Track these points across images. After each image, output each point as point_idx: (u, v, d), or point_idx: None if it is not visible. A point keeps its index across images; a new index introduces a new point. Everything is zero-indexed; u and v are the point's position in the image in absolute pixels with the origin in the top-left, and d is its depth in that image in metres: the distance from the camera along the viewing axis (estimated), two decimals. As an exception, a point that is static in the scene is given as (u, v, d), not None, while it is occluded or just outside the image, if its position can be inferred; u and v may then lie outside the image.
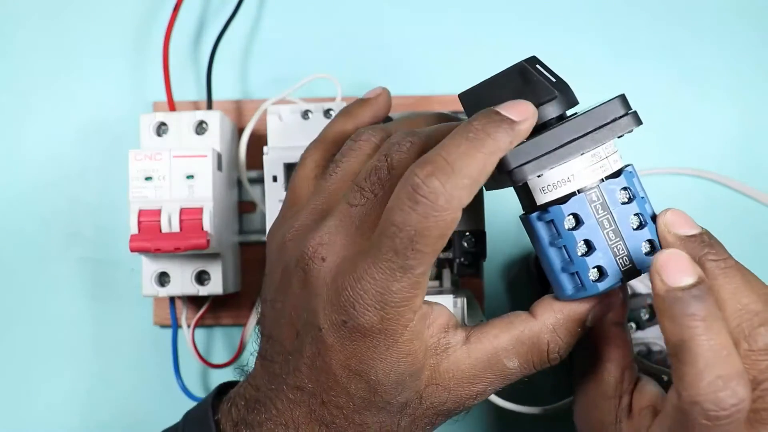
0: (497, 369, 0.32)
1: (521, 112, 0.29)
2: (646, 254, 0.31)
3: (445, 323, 0.31)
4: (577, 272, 0.31)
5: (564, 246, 0.31)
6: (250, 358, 0.36)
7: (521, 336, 0.32)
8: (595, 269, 0.31)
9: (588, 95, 0.50)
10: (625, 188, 0.31)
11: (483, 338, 0.31)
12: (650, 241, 0.32)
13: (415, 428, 0.32)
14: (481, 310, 0.48)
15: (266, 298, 0.34)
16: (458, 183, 0.28)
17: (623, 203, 0.31)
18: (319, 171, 0.35)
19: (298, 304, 0.31)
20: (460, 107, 0.49)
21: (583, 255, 0.31)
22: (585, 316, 0.32)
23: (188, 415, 0.36)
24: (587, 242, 0.31)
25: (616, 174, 0.31)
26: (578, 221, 0.31)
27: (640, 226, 0.32)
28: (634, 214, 0.31)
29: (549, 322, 0.32)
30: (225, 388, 0.37)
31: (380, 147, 0.33)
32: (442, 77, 0.52)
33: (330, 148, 0.36)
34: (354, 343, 0.30)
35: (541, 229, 0.32)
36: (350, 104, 0.38)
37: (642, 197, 0.32)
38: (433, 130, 0.32)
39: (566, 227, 0.31)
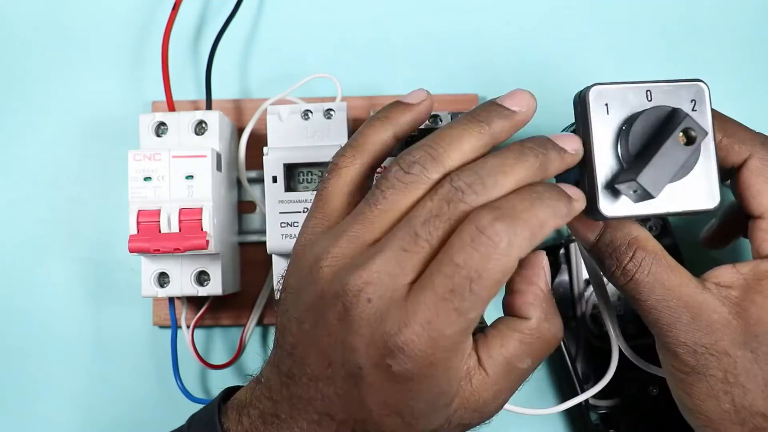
0: (514, 374, 0.32)
1: (579, 195, 0.32)
2: None
3: (468, 354, 0.32)
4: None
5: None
6: (255, 366, 0.35)
7: (523, 337, 0.32)
8: None
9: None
10: None
11: (492, 353, 0.32)
12: None
13: None
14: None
15: (290, 313, 0.32)
16: (522, 233, 0.29)
17: None
18: (357, 186, 0.34)
19: (333, 335, 0.30)
20: (458, 107, 0.49)
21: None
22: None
23: (194, 419, 0.36)
24: None
25: None
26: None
27: None
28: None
29: (541, 315, 0.33)
30: (230, 393, 0.36)
31: (431, 180, 0.31)
32: (442, 77, 0.52)
33: (368, 159, 0.34)
34: (396, 385, 0.30)
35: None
36: (389, 107, 0.35)
37: None
38: (499, 175, 0.30)
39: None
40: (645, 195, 0.30)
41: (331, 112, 0.46)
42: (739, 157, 0.36)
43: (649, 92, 0.32)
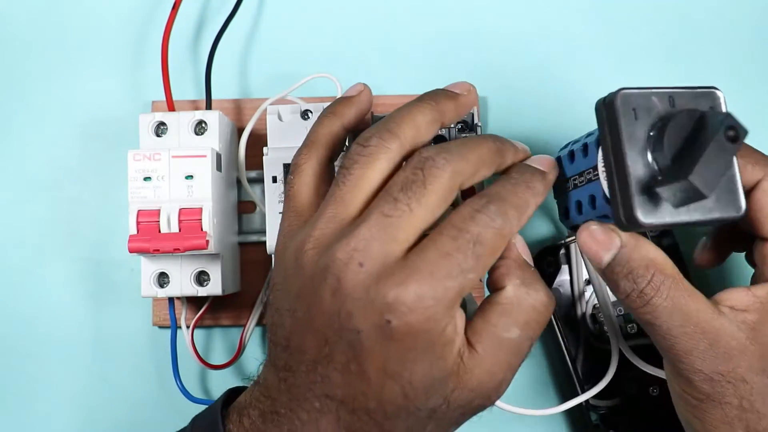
0: (504, 347, 0.32)
1: (549, 164, 0.35)
2: None
3: (462, 331, 0.32)
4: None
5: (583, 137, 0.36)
6: (255, 366, 0.36)
7: (503, 307, 0.33)
8: None
9: (590, 97, 0.50)
10: (595, 200, 0.35)
11: (477, 329, 0.33)
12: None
13: (440, 430, 0.33)
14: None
15: (281, 307, 0.33)
16: (512, 211, 0.32)
17: (589, 201, 0.35)
18: (319, 178, 0.36)
19: (328, 312, 0.31)
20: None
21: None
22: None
23: (196, 420, 0.36)
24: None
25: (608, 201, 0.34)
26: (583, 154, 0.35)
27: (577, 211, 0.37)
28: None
29: (516, 281, 0.34)
30: (233, 394, 0.37)
31: (390, 150, 0.33)
32: (442, 77, 0.52)
33: (324, 152, 0.36)
34: (394, 344, 0.30)
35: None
36: (333, 103, 0.38)
37: None
38: (463, 148, 0.33)
39: (580, 147, 0.35)
40: (695, 196, 0.30)
41: (331, 112, 0.46)
42: (753, 178, 0.35)
43: (671, 98, 0.32)
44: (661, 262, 0.34)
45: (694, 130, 0.31)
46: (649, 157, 0.32)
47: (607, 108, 0.32)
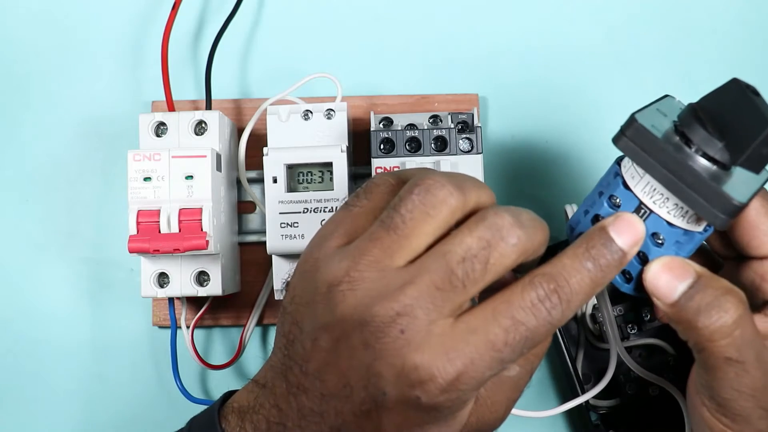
0: (505, 384, 0.33)
1: (632, 242, 0.31)
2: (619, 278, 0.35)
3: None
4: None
5: (596, 199, 0.35)
6: (255, 366, 0.35)
7: None
8: None
9: (590, 97, 0.50)
10: (660, 234, 0.33)
11: None
12: (629, 275, 0.34)
13: None
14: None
15: (301, 325, 0.31)
16: (572, 307, 0.30)
17: (652, 240, 0.33)
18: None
19: (356, 359, 0.29)
20: (458, 107, 0.49)
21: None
22: None
23: (194, 421, 0.36)
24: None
25: (673, 226, 0.33)
26: (617, 207, 0.34)
27: (639, 261, 0.34)
28: (643, 253, 0.33)
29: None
30: (230, 396, 0.36)
31: (455, 210, 0.30)
32: (442, 77, 0.52)
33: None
34: (417, 413, 0.29)
35: (610, 173, 0.34)
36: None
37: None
38: (534, 228, 0.30)
39: (608, 201, 0.34)
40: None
41: (331, 112, 0.46)
42: None
43: (659, 111, 0.34)
44: (740, 291, 0.32)
45: (724, 103, 0.31)
46: (692, 151, 0.32)
47: (631, 138, 0.32)
